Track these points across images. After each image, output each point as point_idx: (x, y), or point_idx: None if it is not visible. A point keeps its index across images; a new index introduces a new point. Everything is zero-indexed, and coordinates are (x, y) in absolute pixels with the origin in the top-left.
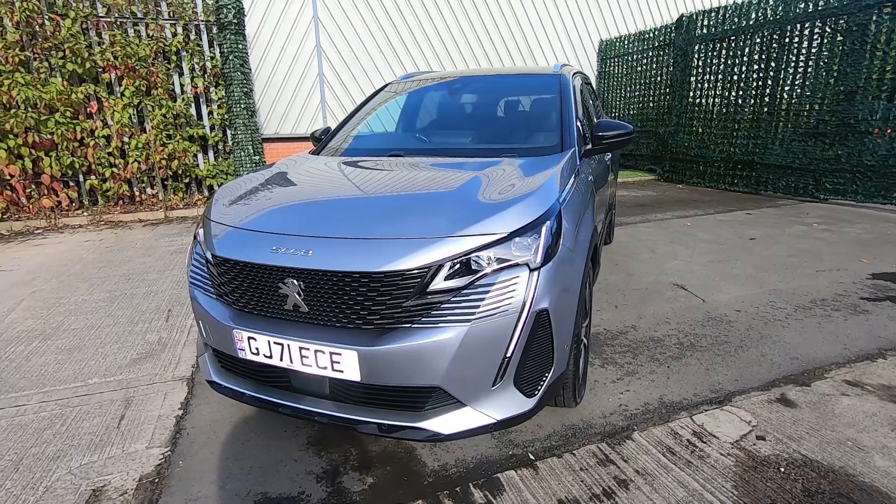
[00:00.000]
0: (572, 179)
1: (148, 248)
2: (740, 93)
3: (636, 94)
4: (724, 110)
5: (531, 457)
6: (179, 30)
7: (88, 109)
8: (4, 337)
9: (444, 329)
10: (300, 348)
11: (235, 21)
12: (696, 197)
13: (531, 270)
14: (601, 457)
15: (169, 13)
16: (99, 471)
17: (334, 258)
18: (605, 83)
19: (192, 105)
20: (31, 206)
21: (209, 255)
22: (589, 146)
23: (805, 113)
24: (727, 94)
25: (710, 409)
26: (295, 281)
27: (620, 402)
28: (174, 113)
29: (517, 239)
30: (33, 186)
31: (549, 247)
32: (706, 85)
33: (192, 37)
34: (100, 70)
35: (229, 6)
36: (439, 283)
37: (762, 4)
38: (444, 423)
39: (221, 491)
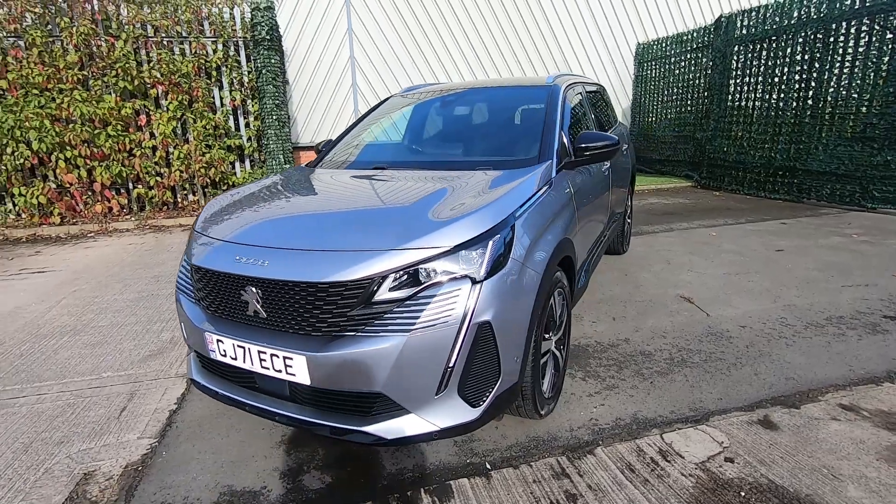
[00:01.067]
0: (540, 193)
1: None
2: (782, 95)
3: (674, 98)
4: (765, 114)
5: (488, 466)
6: (220, 47)
7: (138, 122)
8: (41, 332)
9: (385, 338)
10: (259, 352)
11: (268, 37)
12: (731, 205)
13: (474, 283)
14: (557, 470)
15: (211, 31)
16: (93, 457)
17: (285, 269)
18: (642, 87)
19: (231, 117)
20: (86, 212)
21: (188, 263)
22: (572, 158)
23: (851, 116)
24: (768, 96)
25: (684, 427)
26: (254, 289)
27: (591, 417)
28: (214, 124)
29: (462, 252)
30: (89, 194)
31: (497, 260)
32: (746, 88)
33: (231, 53)
34: (148, 86)
35: (263, 23)
36: (384, 293)
37: (805, 2)
38: (389, 428)
39: (192, 482)
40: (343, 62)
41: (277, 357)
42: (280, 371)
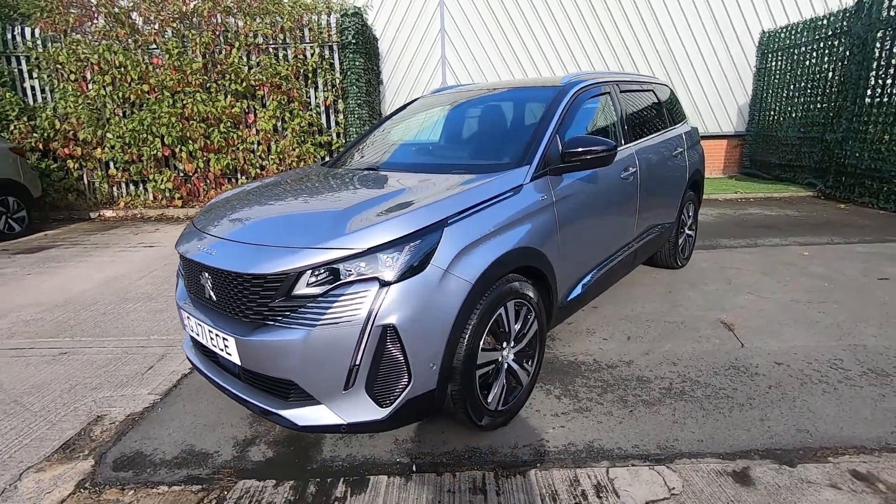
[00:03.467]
0: (495, 199)
1: None
2: None
3: (800, 93)
4: None
5: (413, 468)
6: (316, 51)
7: (246, 120)
8: (126, 297)
9: (295, 330)
10: (209, 330)
11: (354, 41)
12: (851, 220)
13: (382, 285)
14: (477, 484)
15: (310, 37)
16: (110, 403)
17: (223, 258)
18: (764, 81)
19: (323, 115)
20: (203, 197)
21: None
22: (559, 164)
23: None
24: None
25: (639, 465)
26: (206, 274)
27: (543, 437)
28: (308, 122)
29: (378, 255)
30: (205, 182)
31: (412, 265)
32: (890, 81)
33: (326, 56)
34: (255, 88)
35: (349, 28)
36: (302, 288)
37: None
38: (302, 415)
39: (167, 437)
40: (434, 62)
41: (219, 337)
42: (222, 350)
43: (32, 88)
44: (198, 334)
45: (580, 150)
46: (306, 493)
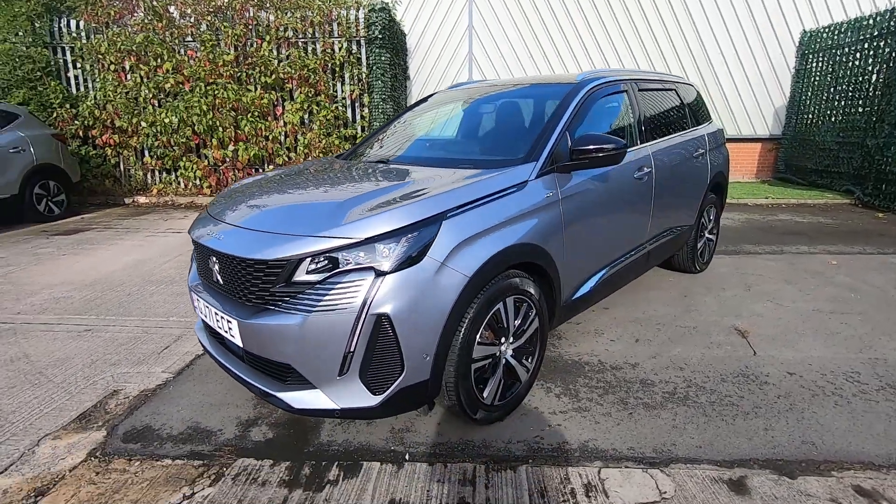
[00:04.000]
0: (498, 194)
1: None
2: None
3: (841, 96)
4: None
5: (406, 457)
6: (344, 45)
7: (275, 112)
8: (150, 279)
9: (293, 315)
10: (215, 313)
11: (380, 36)
12: (888, 230)
13: (378, 275)
14: (468, 476)
15: (338, 32)
16: (126, 379)
17: (230, 244)
18: (803, 83)
19: (349, 109)
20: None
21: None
22: (567, 161)
23: None
24: None
25: (633, 467)
26: (214, 259)
27: (539, 434)
28: (334, 115)
29: (376, 245)
30: (233, 171)
31: (409, 257)
32: None
33: (353, 50)
34: (283, 80)
35: (376, 23)
36: (302, 275)
37: None
38: (298, 398)
39: (175, 413)
40: (461, 58)
41: (224, 319)
42: (227, 332)
43: (76, 78)
44: (206, 316)
45: (589, 147)
46: (300, 475)
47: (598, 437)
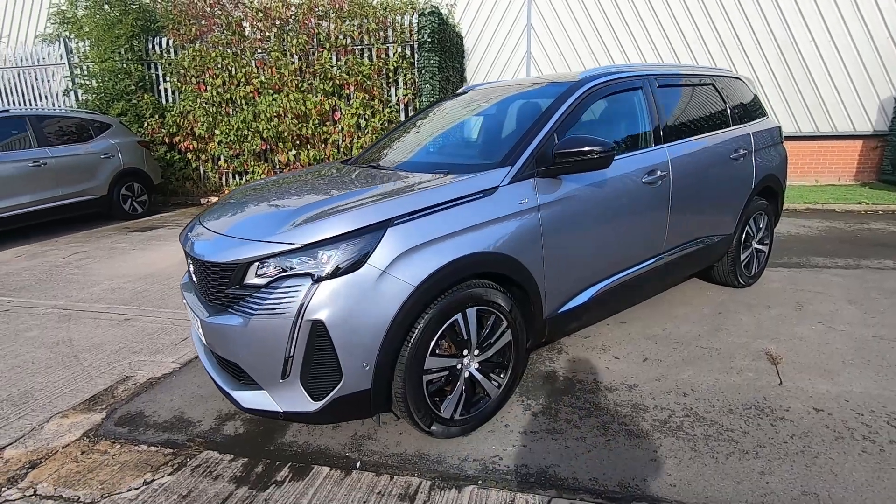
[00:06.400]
0: (457, 201)
1: None
2: None
3: None
4: None
5: (358, 464)
6: (398, 49)
7: (334, 117)
8: (176, 275)
9: (238, 317)
10: (191, 310)
11: (429, 40)
12: None
13: (315, 281)
14: (410, 492)
15: (393, 38)
16: (140, 367)
17: (198, 246)
18: None
19: (402, 113)
20: None
21: None
22: (547, 166)
23: None
24: None
25: (589, 500)
26: (189, 260)
27: (499, 454)
28: (388, 119)
29: (318, 251)
30: None
31: (349, 264)
32: None
33: (407, 55)
34: (340, 86)
35: (425, 27)
36: (252, 278)
37: None
38: (247, 398)
39: (168, 402)
40: (518, 58)
41: (195, 317)
42: (197, 329)
43: (165, 91)
44: (189, 314)
45: (571, 150)
46: (252, 472)
47: (561, 463)
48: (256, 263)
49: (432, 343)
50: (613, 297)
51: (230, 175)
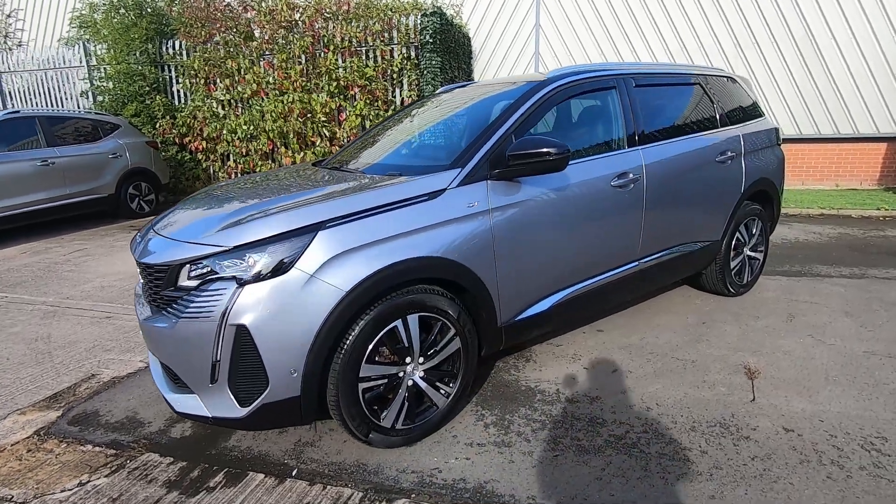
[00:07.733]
0: (397, 204)
1: None
2: None
3: None
4: None
5: (294, 472)
6: (403, 51)
7: (339, 118)
8: None
9: (168, 319)
10: (138, 312)
11: (431, 41)
12: None
13: (240, 285)
14: (340, 502)
15: (397, 39)
16: (107, 365)
17: (140, 247)
18: None
19: None
20: None
21: None
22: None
23: None
24: None
25: None
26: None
27: (439, 467)
28: None
29: (246, 253)
30: None
31: (274, 267)
32: None
33: (411, 56)
34: (345, 87)
35: (427, 28)
36: (184, 280)
37: None
38: (180, 401)
39: (125, 402)
40: (527, 58)
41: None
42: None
43: (177, 92)
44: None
45: (524, 152)
46: (187, 477)
47: (501, 479)
48: (188, 265)
49: (369, 350)
50: (580, 305)
51: (238, 174)
